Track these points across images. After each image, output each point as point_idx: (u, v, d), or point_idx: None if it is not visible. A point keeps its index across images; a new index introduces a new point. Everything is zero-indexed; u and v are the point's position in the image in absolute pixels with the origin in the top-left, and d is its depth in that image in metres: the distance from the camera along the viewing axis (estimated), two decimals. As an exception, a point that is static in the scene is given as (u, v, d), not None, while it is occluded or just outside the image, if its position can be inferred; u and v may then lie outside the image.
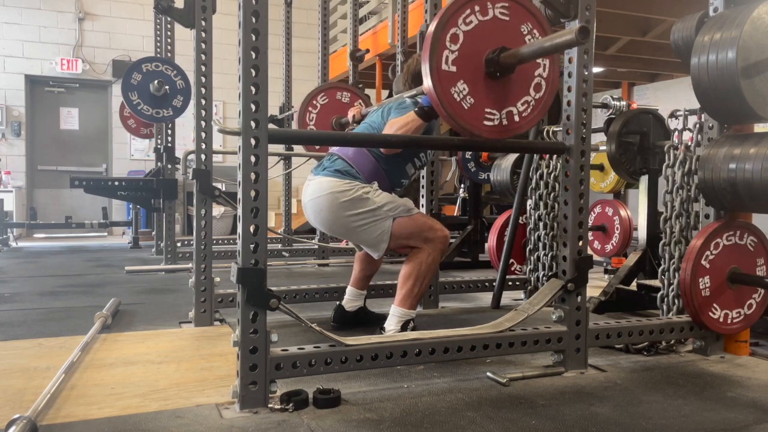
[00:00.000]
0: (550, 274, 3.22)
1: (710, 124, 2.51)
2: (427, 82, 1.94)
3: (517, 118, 2.08)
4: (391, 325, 2.52)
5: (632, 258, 3.48)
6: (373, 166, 2.57)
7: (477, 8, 1.97)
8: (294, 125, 4.84)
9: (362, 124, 2.79)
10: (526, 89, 2.09)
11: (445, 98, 1.94)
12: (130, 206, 7.27)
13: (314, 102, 4.30)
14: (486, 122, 2.02)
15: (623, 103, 3.41)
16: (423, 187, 3.42)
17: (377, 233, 2.50)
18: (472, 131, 2.01)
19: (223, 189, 3.01)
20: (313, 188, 2.56)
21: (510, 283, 3.46)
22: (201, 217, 2.87)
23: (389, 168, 2.60)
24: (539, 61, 2.10)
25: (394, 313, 2.54)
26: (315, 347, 1.90)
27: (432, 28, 1.93)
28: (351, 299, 2.89)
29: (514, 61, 1.98)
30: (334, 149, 2.70)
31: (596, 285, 3.83)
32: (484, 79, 2.00)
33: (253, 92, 1.77)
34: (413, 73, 2.74)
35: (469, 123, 1.99)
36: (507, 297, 3.50)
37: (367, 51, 5.67)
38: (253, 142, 1.78)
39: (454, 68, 1.95)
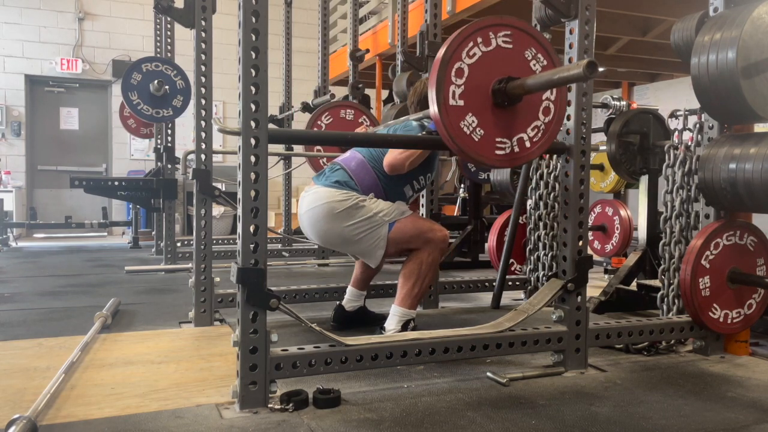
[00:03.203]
0: (550, 274, 3.21)
1: (710, 124, 2.51)
2: (435, 115, 1.90)
3: (528, 144, 2.05)
4: (392, 324, 2.52)
5: (632, 258, 3.48)
6: (372, 181, 2.57)
7: (480, 40, 1.94)
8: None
9: None
10: (535, 114, 2.06)
11: (455, 132, 1.91)
12: (130, 206, 7.27)
13: (318, 123, 4.30)
14: (497, 152, 1.99)
15: (623, 103, 3.41)
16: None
17: (373, 240, 2.50)
18: (483, 162, 1.99)
19: (223, 189, 3.01)
20: (310, 198, 2.56)
21: (510, 283, 3.46)
22: (201, 217, 2.87)
23: (388, 187, 2.59)
24: None
25: (395, 312, 2.54)
26: (315, 347, 1.90)
27: (436, 62, 1.90)
28: (351, 299, 2.89)
29: (521, 92, 1.95)
30: (338, 159, 2.70)
31: (596, 285, 3.83)
32: (492, 109, 1.97)
33: (253, 92, 1.77)
34: (420, 96, 2.70)
35: (481, 154, 1.96)
36: (507, 297, 3.50)
37: (367, 51, 5.67)
38: (253, 142, 1.78)
39: (461, 102, 1.92)
